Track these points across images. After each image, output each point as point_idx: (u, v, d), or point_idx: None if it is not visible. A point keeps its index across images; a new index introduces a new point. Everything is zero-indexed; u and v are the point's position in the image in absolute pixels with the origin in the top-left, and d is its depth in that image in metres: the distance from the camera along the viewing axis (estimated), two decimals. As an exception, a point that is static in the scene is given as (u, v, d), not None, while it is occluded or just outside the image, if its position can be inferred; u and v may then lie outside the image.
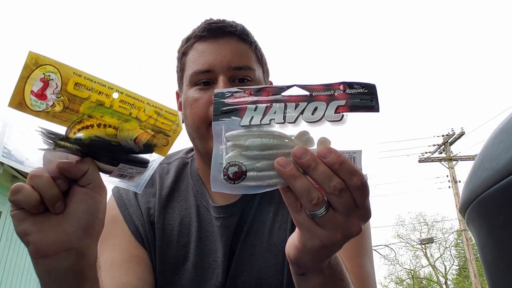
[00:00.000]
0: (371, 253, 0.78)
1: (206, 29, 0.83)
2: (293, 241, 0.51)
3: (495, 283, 0.48)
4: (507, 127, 0.44)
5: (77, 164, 0.48)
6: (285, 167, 0.45)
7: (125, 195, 0.87)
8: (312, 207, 0.45)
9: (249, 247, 0.81)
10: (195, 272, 0.81)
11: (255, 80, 0.83)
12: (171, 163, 0.93)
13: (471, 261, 14.43)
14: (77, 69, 0.48)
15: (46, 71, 0.46)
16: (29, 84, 0.46)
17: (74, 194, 0.49)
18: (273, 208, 0.83)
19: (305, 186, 0.44)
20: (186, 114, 0.83)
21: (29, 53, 0.46)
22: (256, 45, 0.87)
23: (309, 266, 0.52)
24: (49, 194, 0.47)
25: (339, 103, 0.47)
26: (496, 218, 0.45)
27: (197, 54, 0.82)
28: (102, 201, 0.51)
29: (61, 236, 0.48)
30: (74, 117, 0.48)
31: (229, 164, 0.47)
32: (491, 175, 0.44)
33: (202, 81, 0.81)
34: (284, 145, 0.47)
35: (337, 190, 0.44)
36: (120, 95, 0.49)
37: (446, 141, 15.94)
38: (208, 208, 0.84)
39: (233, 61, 0.80)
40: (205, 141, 0.80)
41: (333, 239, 0.46)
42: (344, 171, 0.44)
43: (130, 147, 0.50)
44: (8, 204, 5.51)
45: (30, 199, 0.47)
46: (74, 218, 0.48)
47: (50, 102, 0.47)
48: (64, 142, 0.48)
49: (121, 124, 0.49)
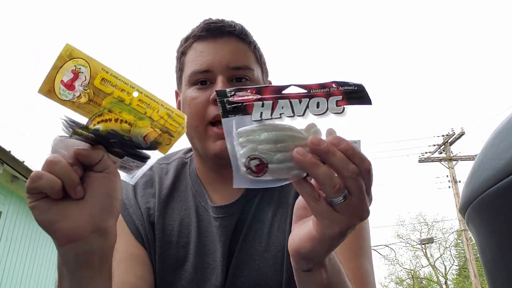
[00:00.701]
0: (370, 254, 0.78)
1: (205, 29, 0.83)
2: (307, 233, 0.52)
3: (495, 283, 0.48)
4: (507, 127, 0.44)
5: (93, 150, 0.51)
6: (305, 157, 0.46)
7: (125, 195, 0.86)
8: (334, 193, 0.46)
9: (248, 247, 0.80)
10: (194, 272, 0.81)
11: (254, 80, 0.83)
12: (170, 164, 0.93)
13: (471, 261, 14.44)
14: (106, 66, 0.51)
15: (77, 63, 0.49)
16: (61, 74, 0.49)
17: (92, 179, 0.51)
18: (272, 208, 0.83)
19: (327, 173, 0.46)
20: (184, 113, 0.83)
21: (66, 45, 0.49)
22: (255, 45, 0.87)
23: (319, 258, 0.54)
24: (69, 179, 0.49)
25: (337, 98, 0.50)
26: (496, 218, 0.45)
27: (196, 54, 0.82)
28: (118, 183, 0.53)
29: (87, 218, 0.49)
30: (96, 109, 0.51)
31: (249, 158, 0.48)
32: (491, 175, 0.44)
33: (200, 81, 0.81)
34: (297, 137, 0.49)
35: (354, 174, 0.46)
36: (140, 95, 0.52)
37: (446, 141, 15.95)
38: (207, 208, 0.84)
39: (231, 61, 0.80)
40: (203, 140, 0.80)
41: (352, 223, 0.48)
42: (356, 156, 0.47)
43: (139, 142, 0.53)
44: (8, 204, 5.51)
45: (54, 184, 0.48)
46: (96, 201, 0.50)
47: (77, 93, 0.50)
48: (82, 130, 0.51)
49: (136, 121, 0.52)
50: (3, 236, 5.35)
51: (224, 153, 0.75)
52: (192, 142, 0.85)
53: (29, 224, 5.96)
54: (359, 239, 0.76)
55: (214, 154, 0.78)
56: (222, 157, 0.77)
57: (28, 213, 5.94)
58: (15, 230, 5.64)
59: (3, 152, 4.84)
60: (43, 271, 6.37)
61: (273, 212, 0.82)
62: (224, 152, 0.75)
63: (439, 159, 16.09)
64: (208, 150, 0.79)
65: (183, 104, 0.83)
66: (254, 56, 0.85)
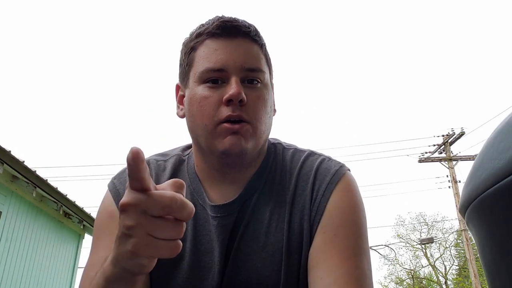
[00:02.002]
0: (368, 253, 0.78)
1: (220, 27, 0.80)
2: None
3: (495, 283, 0.47)
4: (507, 127, 0.44)
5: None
6: None
7: (123, 191, 0.84)
8: None
9: (245, 246, 0.80)
10: (190, 271, 0.80)
11: (264, 82, 0.82)
12: (167, 161, 0.91)
13: (471, 261, 14.44)
14: None
15: None
16: None
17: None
18: (270, 207, 0.82)
19: None
20: (192, 111, 0.80)
21: None
22: (265, 47, 0.86)
23: None
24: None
25: None
26: (496, 218, 0.45)
27: (210, 51, 0.80)
28: None
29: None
30: None
31: None
32: (491, 175, 0.44)
33: (212, 79, 0.79)
34: None
35: None
36: None
37: (446, 141, 15.96)
38: (205, 207, 0.83)
39: (246, 62, 0.79)
40: (211, 138, 0.78)
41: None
42: None
43: None
44: (8, 204, 5.51)
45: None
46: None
47: None
48: None
49: None
50: (3, 236, 5.35)
51: (233, 149, 0.75)
52: (197, 140, 0.83)
53: (29, 224, 5.96)
54: (357, 237, 0.75)
55: (223, 151, 0.77)
56: (229, 154, 0.76)
57: (28, 213, 5.94)
58: (15, 230, 5.64)
59: (3, 152, 4.84)
60: (43, 271, 6.37)
61: (270, 211, 0.82)
62: (233, 149, 0.75)
63: (439, 159, 16.09)
64: (217, 148, 0.77)
65: (191, 101, 0.81)
66: (265, 58, 0.85)
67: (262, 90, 0.80)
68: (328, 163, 0.83)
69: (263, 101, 0.79)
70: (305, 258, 0.77)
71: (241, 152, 0.76)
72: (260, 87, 0.80)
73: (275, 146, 0.90)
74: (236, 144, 0.75)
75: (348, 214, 0.77)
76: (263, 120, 0.79)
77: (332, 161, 0.84)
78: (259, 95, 0.79)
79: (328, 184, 0.79)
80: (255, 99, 0.78)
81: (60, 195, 6.22)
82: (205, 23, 0.84)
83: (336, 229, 0.75)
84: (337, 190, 0.79)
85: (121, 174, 0.88)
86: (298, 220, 0.79)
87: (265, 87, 0.81)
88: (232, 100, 0.74)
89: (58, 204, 6.38)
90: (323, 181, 0.80)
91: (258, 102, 0.78)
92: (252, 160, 0.82)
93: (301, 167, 0.84)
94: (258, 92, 0.79)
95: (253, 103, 0.77)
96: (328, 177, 0.80)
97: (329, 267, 0.71)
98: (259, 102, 0.78)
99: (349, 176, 0.82)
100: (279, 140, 0.94)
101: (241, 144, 0.75)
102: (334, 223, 0.76)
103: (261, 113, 0.78)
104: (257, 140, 0.78)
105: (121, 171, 0.90)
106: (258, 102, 0.78)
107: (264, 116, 0.79)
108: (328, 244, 0.74)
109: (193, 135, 0.83)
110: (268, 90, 0.82)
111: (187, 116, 0.83)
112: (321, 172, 0.82)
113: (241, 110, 0.75)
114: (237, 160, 0.78)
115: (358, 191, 0.82)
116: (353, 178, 0.83)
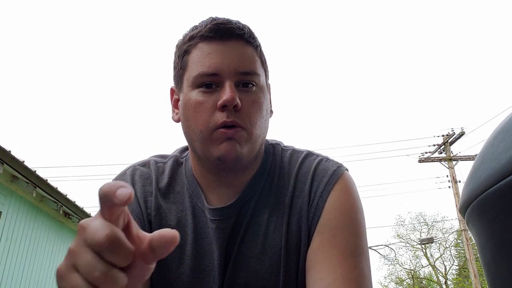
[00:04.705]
0: (367, 253, 0.77)
1: (213, 30, 0.79)
2: None
3: (495, 283, 0.47)
4: (507, 127, 0.44)
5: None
6: None
7: None
8: None
9: (244, 249, 0.80)
10: (191, 274, 0.80)
11: (259, 85, 0.80)
12: (166, 163, 0.91)
13: (471, 261, 14.44)
14: None
15: None
16: None
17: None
18: (268, 210, 0.82)
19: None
20: (187, 116, 0.80)
21: None
22: (260, 48, 0.85)
23: None
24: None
25: None
26: (496, 218, 0.45)
27: (203, 55, 0.79)
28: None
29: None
30: None
31: None
32: (491, 175, 0.44)
33: (205, 84, 0.77)
34: None
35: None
36: None
37: (446, 141, 15.96)
38: (204, 210, 0.83)
39: (240, 65, 0.77)
40: (206, 144, 0.77)
41: None
42: None
43: None
44: (8, 204, 5.51)
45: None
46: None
47: None
48: None
49: None
50: (3, 236, 5.35)
51: (228, 155, 0.75)
52: (192, 145, 0.82)
53: (29, 224, 5.96)
54: (356, 237, 0.75)
55: (218, 157, 0.76)
56: (225, 161, 0.75)
57: (28, 213, 5.94)
58: (15, 230, 5.64)
59: (3, 152, 4.84)
60: (43, 271, 6.37)
61: (269, 213, 0.81)
62: (228, 155, 0.75)
63: (439, 159, 16.09)
64: (212, 154, 0.76)
65: (185, 106, 0.80)
66: (260, 60, 0.83)
67: (258, 94, 0.79)
68: (325, 164, 0.83)
69: (258, 105, 0.78)
70: (303, 260, 0.77)
71: (236, 157, 0.75)
72: (256, 91, 0.78)
73: (274, 147, 0.90)
74: (231, 150, 0.74)
75: (346, 215, 0.76)
76: (258, 125, 0.78)
77: (329, 162, 0.84)
78: (254, 99, 0.78)
79: (325, 185, 0.79)
80: (250, 103, 0.77)
81: (60, 195, 6.22)
82: (198, 25, 0.83)
83: (334, 230, 0.75)
84: (334, 191, 0.78)
85: (121, 176, 0.89)
86: (296, 222, 0.79)
87: (260, 90, 0.80)
88: (226, 105, 0.74)
89: (58, 204, 6.38)
90: (320, 182, 0.80)
91: (253, 106, 0.77)
92: (249, 164, 0.82)
93: (299, 168, 0.84)
94: (253, 96, 0.78)
95: (248, 108, 0.76)
96: (326, 178, 0.80)
97: (328, 267, 0.71)
98: (254, 107, 0.77)
99: (346, 176, 0.82)
100: (278, 141, 0.93)
101: (236, 150, 0.75)
102: (332, 223, 0.76)
103: (256, 117, 0.77)
104: (252, 144, 0.77)
105: (121, 173, 0.90)
106: (253, 107, 0.77)
107: (259, 120, 0.78)
108: (327, 245, 0.74)
109: (189, 140, 0.82)
110: (263, 93, 0.80)
111: (182, 121, 0.82)
112: (318, 173, 0.81)
113: (235, 115, 0.74)
114: (233, 165, 0.77)
115: (356, 191, 0.82)
116: (351, 178, 0.82)
